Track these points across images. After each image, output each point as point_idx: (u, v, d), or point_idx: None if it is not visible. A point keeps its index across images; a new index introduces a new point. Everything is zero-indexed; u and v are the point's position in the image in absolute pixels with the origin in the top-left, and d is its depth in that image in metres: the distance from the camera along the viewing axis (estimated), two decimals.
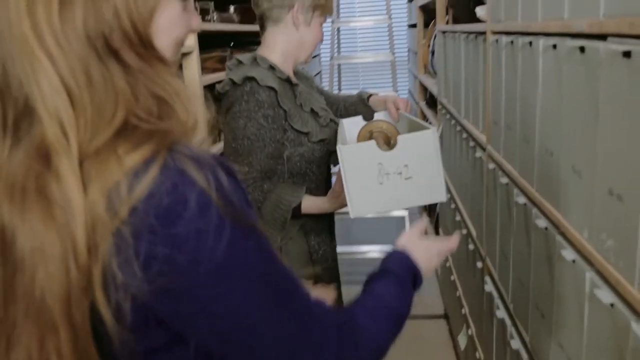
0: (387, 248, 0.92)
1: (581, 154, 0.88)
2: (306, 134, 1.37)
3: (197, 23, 0.64)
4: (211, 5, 1.81)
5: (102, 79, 0.51)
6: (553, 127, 1.01)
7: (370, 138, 1.26)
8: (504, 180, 1.37)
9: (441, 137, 1.57)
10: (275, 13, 1.37)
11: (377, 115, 1.49)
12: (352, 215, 1.16)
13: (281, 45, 1.40)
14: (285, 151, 1.35)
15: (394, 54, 3.81)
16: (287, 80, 1.36)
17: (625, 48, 0.69)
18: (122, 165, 0.50)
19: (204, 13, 1.72)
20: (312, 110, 1.41)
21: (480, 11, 1.85)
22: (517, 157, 1.28)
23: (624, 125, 0.72)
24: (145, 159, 0.50)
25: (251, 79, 1.27)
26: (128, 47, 0.53)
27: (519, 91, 1.23)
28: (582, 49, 0.84)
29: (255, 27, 1.61)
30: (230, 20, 2.10)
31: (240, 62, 1.36)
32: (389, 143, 1.18)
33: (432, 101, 3.52)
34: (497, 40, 1.40)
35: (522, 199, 1.22)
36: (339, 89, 4.84)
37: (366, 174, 1.12)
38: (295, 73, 1.50)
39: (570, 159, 0.93)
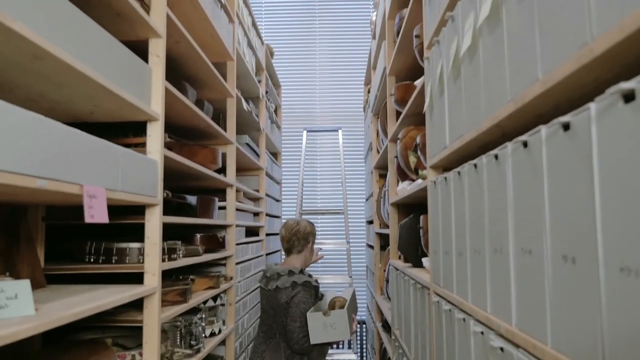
0: None
1: None
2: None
3: None
4: (179, 244, 1.94)
5: None
6: None
7: (333, 304, 2.68)
8: None
9: None
10: (300, 248, 2.67)
11: (331, 292, 2.93)
12: (312, 342, 2.39)
13: (300, 263, 2.66)
14: None
15: (351, 277, 3.98)
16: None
17: None
18: None
19: (171, 252, 1.85)
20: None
21: (425, 262, 2.02)
22: None
23: None
24: None
25: (308, 282, 2.48)
26: None
27: None
28: (502, 349, 0.95)
29: (216, 255, 2.54)
30: (196, 253, 2.23)
31: (280, 275, 2.51)
32: (342, 306, 2.63)
33: (387, 325, 3.58)
34: (438, 302, 1.53)
35: None
36: None
37: (317, 325, 2.39)
38: None
39: None
